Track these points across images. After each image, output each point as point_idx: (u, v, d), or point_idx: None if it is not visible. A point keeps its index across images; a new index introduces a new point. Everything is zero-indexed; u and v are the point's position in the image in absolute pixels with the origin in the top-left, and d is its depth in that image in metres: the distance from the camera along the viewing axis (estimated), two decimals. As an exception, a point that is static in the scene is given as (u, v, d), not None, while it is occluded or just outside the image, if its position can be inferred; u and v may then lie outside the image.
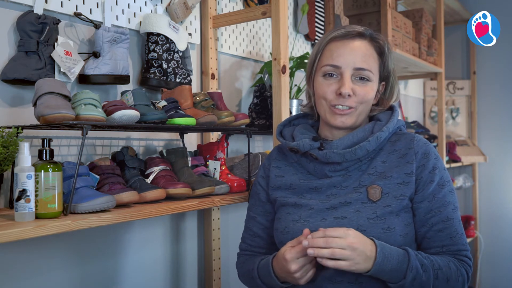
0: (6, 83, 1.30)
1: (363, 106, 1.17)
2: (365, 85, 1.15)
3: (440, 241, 1.12)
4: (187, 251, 1.86)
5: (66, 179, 1.16)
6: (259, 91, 1.92)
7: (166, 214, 1.30)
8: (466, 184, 3.89)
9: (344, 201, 1.12)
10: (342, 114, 1.15)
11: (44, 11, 1.35)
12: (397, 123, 1.19)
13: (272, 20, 1.66)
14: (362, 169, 1.15)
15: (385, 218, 1.08)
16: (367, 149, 1.13)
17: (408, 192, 1.11)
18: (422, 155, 1.13)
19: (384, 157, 1.15)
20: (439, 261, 1.09)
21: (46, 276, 1.39)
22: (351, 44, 1.16)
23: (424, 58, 3.12)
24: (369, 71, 1.15)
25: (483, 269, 4.00)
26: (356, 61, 1.14)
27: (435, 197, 1.12)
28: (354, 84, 1.15)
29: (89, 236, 1.50)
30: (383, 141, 1.15)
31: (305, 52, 2.18)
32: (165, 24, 1.62)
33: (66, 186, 1.15)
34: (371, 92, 1.17)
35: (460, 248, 1.12)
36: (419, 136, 1.18)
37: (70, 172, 1.17)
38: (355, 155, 1.13)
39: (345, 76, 1.14)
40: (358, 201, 1.11)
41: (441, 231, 1.11)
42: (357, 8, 2.87)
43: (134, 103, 1.36)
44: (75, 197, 1.13)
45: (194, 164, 1.55)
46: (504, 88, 3.95)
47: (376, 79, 1.18)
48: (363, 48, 1.16)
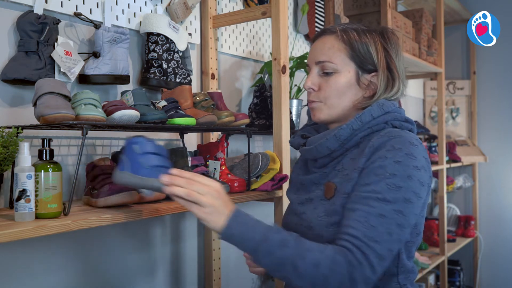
0: (6, 83, 1.30)
1: (331, 97, 1.14)
2: (329, 78, 1.14)
3: (346, 220, 0.99)
4: (187, 251, 1.86)
5: (144, 155, 1.04)
6: (259, 91, 1.92)
7: (166, 214, 1.30)
8: (466, 184, 3.89)
9: (309, 197, 1.14)
10: (312, 108, 1.18)
11: (44, 11, 1.35)
12: (379, 119, 1.09)
13: (272, 20, 1.66)
14: (333, 166, 1.14)
15: (331, 216, 1.05)
16: (328, 146, 1.10)
17: (350, 188, 1.03)
18: (375, 148, 1.03)
19: (355, 154, 1.09)
20: (311, 244, 0.97)
21: (46, 276, 1.39)
22: (316, 42, 1.19)
23: (424, 58, 3.12)
24: (329, 62, 1.14)
25: (483, 269, 4.00)
26: (316, 55, 1.16)
27: (365, 182, 1.00)
28: (320, 79, 1.16)
29: (89, 236, 1.50)
30: (349, 138, 1.09)
31: (305, 52, 2.18)
32: (165, 24, 1.62)
33: (145, 161, 1.03)
34: (338, 83, 1.13)
35: (359, 236, 0.94)
36: (393, 131, 1.06)
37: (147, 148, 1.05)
38: (318, 152, 1.13)
39: (311, 72, 1.18)
40: (317, 198, 1.11)
41: (352, 211, 0.98)
42: (357, 8, 2.87)
43: (134, 103, 1.36)
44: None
45: (194, 164, 1.55)
46: (504, 88, 3.95)
47: (346, 69, 1.13)
48: (326, 42, 1.16)
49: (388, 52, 1.15)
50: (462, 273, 3.76)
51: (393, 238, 0.96)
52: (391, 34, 1.18)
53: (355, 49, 1.14)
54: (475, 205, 4.04)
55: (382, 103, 1.10)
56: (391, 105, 1.11)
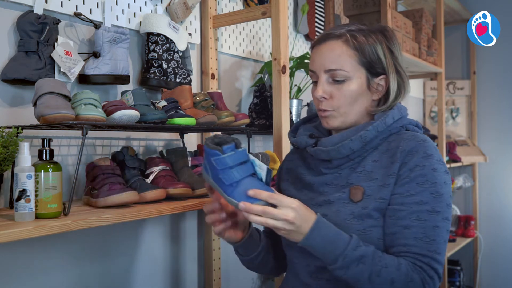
0: (6, 83, 1.30)
1: (344, 105, 1.14)
2: (341, 86, 1.13)
3: (403, 238, 1.03)
4: (187, 251, 1.86)
5: (239, 164, 1.02)
6: (259, 91, 1.92)
7: (166, 214, 1.30)
8: (466, 184, 3.89)
9: (328, 199, 1.12)
10: (325, 117, 1.16)
11: (44, 11, 1.35)
12: (398, 122, 1.14)
13: (272, 20, 1.66)
14: (352, 168, 1.14)
15: (363, 220, 1.06)
16: (351, 147, 1.11)
17: (388, 194, 1.06)
18: (407, 152, 1.07)
19: (376, 156, 1.12)
20: (388, 260, 1.01)
21: (46, 276, 1.39)
22: (322, 47, 1.15)
23: (424, 58, 3.12)
24: (340, 70, 1.12)
25: (483, 269, 4.00)
26: (325, 63, 1.13)
27: (410, 192, 1.05)
28: (331, 87, 1.13)
29: (89, 236, 1.50)
30: (371, 140, 1.12)
31: (305, 52, 2.18)
32: (165, 24, 1.62)
33: (237, 172, 1.01)
34: (350, 91, 1.13)
35: (424, 253, 1.02)
36: (416, 135, 1.11)
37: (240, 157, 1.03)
38: (339, 153, 1.12)
39: (320, 80, 1.15)
40: (340, 200, 1.10)
41: (407, 228, 1.03)
42: (357, 8, 2.87)
43: (134, 103, 1.36)
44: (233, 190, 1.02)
45: (194, 164, 1.55)
46: (504, 88, 3.95)
47: (357, 75, 1.13)
48: (334, 48, 1.13)
49: (394, 54, 1.16)
50: (462, 273, 3.76)
51: (446, 243, 1.06)
52: (392, 33, 1.18)
53: (365, 54, 1.13)
54: (475, 205, 4.04)
55: (400, 107, 1.15)
56: (405, 109, 1.17)
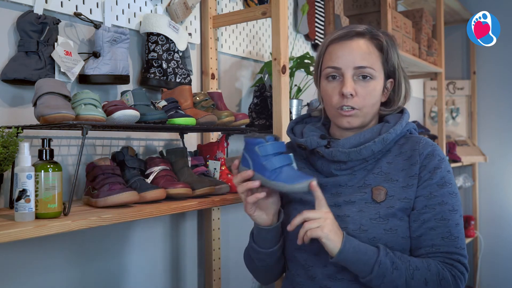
0: (6, 83, 1.30)
1: (368, 105, 1.16)
2: (368, 84, 1.14)
3: (430, 240, 1.09)
4: (187, 251, 1.86)
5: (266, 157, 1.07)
6: (259, 91, 1.92)
7: (166, 214, 1.30)
8: (466, 184, 3.89)
9: (349, 199, 1.13)
10: (347, 115, 1.15)
11: (44, 11, 1.35)
12: (406, 126, 1.18)
13: (272, 20, 1.66)
14: (367, 169, 1.15)
15: (388, 219, 1.09)
16: (373, 150, 1.13)
17: (412, 194, 1.11)
18: (426, 156, 1.13)
19: (390, 158, 1.16)
20: (416, 262, 1.06)
21: (46, 276, 1.40)
22: (350, 44, 1.15)
23: (424, 58, 3.12)
24: (370, 68, 1.14)
25: (483, 269, 4.00)
26: (356, 60, 1.14)
27: (432, 194, 1.11)
28: (356, 84, 1.14)
29: (89, 236, 1.50)
30: (389, 143, 1.15)
31: (305, 52, 2.18)
32: (165, 24, 1.62)
33: (279, 160, 1.06)
34: (375, 90, 1.16)
35: (452, 250, 1.08)
36: (426, 139, 1.18)
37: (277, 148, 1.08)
38: (360, 155, 1.13)
39: (346, 77, 1.14)
40: (362, 200, 1.12)
41: (433, 230, 1.09)
42: (357, 8, 2.87)
43: (134, 103, 1.36)
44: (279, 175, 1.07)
45: (194, 164, 1.55)
46: (504, 88, 3.95)
47: (380, 76, 1.17)
48: (363, 46, 1.15)
49: (399, 57, 1.21)
50: (462, 273, 3.76)
51: (464, 237, 1.13)
52: (393, 37, 1.22)
53: (387, 56, 1.18)
54: (475, 205, 4.04)
55: (407, 111, 1.21)
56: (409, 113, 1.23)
